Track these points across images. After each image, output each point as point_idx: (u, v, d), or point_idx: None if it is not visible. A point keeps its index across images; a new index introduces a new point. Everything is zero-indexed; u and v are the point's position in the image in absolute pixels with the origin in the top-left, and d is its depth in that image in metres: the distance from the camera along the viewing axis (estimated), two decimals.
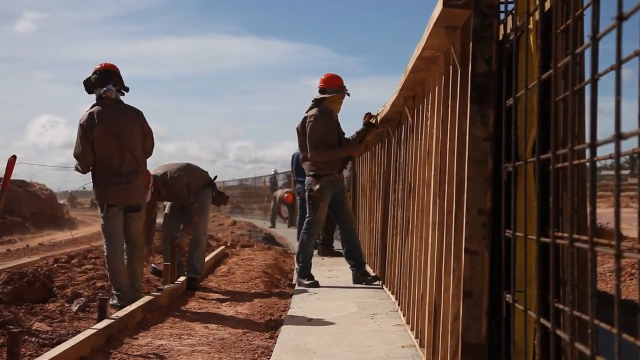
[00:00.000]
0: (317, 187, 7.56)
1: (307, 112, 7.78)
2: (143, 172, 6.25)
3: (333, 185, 7.66)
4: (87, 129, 6.01)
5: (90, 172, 6.13)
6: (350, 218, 7.87)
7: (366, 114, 7.98)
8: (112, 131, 6.03)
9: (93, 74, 6.17)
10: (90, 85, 6.18)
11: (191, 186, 7.55)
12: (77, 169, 6.14)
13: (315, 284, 7.45)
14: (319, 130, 7.57)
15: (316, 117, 7.59)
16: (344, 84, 7.79)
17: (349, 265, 7.71)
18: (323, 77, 7.81)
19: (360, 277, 7.59)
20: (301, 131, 7.76)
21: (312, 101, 7.78)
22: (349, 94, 7.77)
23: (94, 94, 6.16)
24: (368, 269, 8.23)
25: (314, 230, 7.77)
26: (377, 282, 7.47)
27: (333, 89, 7.70)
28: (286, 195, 21.64)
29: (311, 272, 7.68)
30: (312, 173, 7.65)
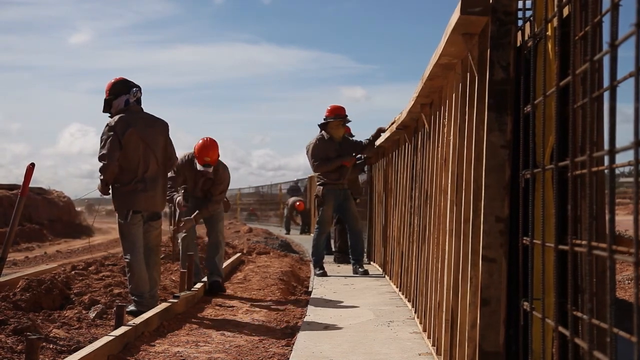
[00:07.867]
0: (321, 193, 9.36)
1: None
2: (164, 180, 6.31)
3: (335, 192, 9.30)
4: (119, 132, 5.97)
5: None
6: (354, 221, 9.47)
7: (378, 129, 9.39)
8: (142, 136, 6.06)
9: (112, 88, 6.19)
10: (110, 101, 6.16)
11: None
12: (101, 175, 5.99)
13: (324, 274, 9.12)
14: (316, 149, 9.24)
15: (316, 139, 9.29)
16: (344, 113, 9.33)
17: (351, 258, 9.48)
18: (329, 107, 9.44)
19: (357, 270, 9.26)
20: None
21: (318, 125, 9.45)
22: (349, 121, 9.35)
23: (111, 112, 6.15)
24: (366, 266, 9.90)
25: (321, 229, 9.47)
26: (367, 275, 9.10)
27: (331, 117, 9.30)
28: (298, 203, 22.02)
29: (324, 267, 9.33)
30: (318, 182, 9.53)
